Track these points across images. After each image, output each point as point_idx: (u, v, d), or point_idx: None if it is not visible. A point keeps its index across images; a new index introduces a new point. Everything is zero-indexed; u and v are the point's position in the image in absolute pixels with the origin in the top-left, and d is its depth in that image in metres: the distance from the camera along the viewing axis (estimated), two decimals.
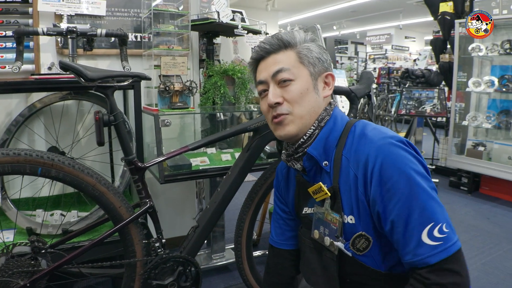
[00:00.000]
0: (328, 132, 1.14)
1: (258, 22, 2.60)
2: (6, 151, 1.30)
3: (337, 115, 1.18)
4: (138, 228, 1.53)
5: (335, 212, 1.11)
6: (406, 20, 12.54)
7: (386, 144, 1.00)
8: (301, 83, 1.12)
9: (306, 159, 1.16)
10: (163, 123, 1.98)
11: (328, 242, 1.13)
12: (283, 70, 1.12)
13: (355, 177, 1.05)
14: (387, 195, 0.99)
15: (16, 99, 2.27)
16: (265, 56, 1.17)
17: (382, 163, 0.99)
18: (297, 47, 1.15)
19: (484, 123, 4.28)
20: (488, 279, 2.59)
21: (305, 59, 1.14)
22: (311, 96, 1.13)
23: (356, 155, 1.06)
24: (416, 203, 0.95)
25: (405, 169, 0.97)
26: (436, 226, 0.94)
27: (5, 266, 1.34)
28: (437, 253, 0.93)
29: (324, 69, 1.17)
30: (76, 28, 1.93)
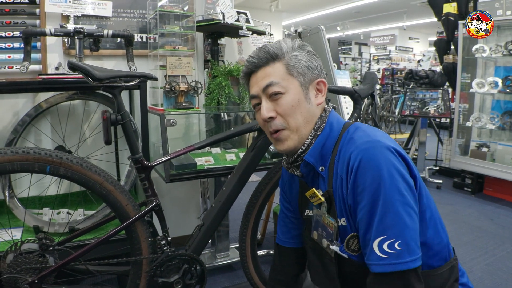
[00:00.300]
0: (325, 139, 1.15)
1: (262, 23, 2.61)
2: (15, 149, 1.32)
3: (332, 121, 1.18)
4: (144, 226, 1.55)
5: (331, 216, 1.13)
6: (410, 21, 12.52)
7: (369, 148, 1.00)
8: (292, 95, 1.13)
9: (303, 166, 1.18)
10: (169, 123, 2.00)
11: (325, 244, 1.16)
12: (273, 84, 1.13)
13: (341, 179, 1.07)
14: (358, 197, 1.01)
15: (23, 99, 2.29)
16: (255, 70, 1.18)
17: (360, 164, 1.00)
18: (285, 58, 1.15)
19: (488, 124, 4.28)
20: (491, 280, 2.60)
21: (294, 70, 1.14)
22: (304, 107, 1.14)
23: (343, 158, 1.07)
24: (378, 212, 0.97)
25: (380, 176, 0.97)
26: (387, 240, 0.96)
27: (13, 263, 1.37)
28: (381, 265, 0.97)
29: (315, 76, 1.17)
30: (83, 29, 1.95)
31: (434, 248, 1.10)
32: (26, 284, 1.35)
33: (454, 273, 1.16)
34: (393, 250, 0.95)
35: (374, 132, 1.07)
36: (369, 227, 0.99)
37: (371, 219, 0.98)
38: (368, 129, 1.10)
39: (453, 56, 4.87)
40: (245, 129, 1.71)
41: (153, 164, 1.56)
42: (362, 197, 0.99)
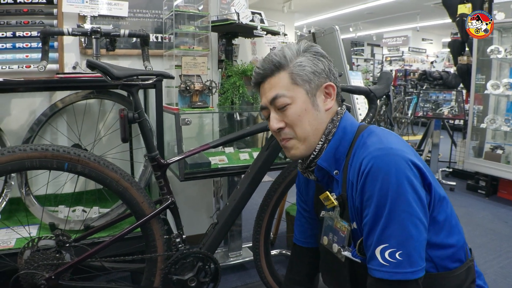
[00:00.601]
0: (338, 143, 1.14)
1: (276, 23, 2.62)
2: (35, 146, 1.34)
3: (345, 124, 1.16)
4: (159, 223, 1.56)
5: (344, 220, 1.13)
6: (423, 22, 12.43)
7: (381, 155, 0.99)
8: (298, 105, 1.12)
9: (317, 170, 1.18)
10: (184, 122, 2.02)
11: (336, 249, 1.15)
12: (278, 96, 1.12)
13: (352, 184, 1.07)
14: (366, 202, 1.01)
15: (39, 98, 2.33)
16: (262, 81, 1.18)
17: (370, 171, 0.99)
18: (289, 66, 1.13)
19: (503, 126, 4.22)
20: (506, 282, 2.57)
21: (298, 79, 1.12)
22: (311, 115, 1.13)
23: (355, 163, 1.06)
24: (383, 220, 0.97)
25: (388, 184, 0.96)
26: (388, 249, 0.96)
27: (30, 259, 1.38)
28: (381, 271, 0.97)
29: (322, 80, 1.15)
30: (100, 29, 1.98)
31: (449, 250, 1.09)
32: (43, 280, 1.36)
33: (471, 275, 1.15)
34: (394, 259, 0.95)
35: (388, 138, 1.06)
36: (371, 233, 1.00)
37: (375, 226, 0.98)
38: (382, 134, 1.09)
39: (467, 57, 4.82)
40: (259, 128, 1.72)
41: (169, 162, 1.57)
42: (369, 203, 0.99)
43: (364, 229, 1.02)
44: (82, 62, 2.33)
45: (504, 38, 4.32)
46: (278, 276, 2.03)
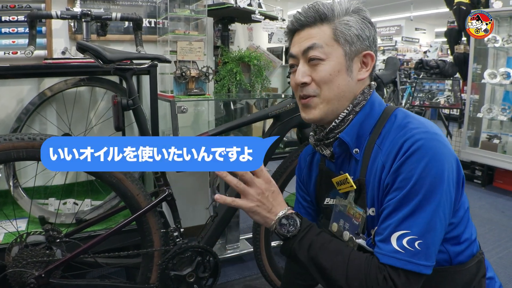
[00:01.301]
0: (363, 118, 1.05)
1: (275, 8, 2.53)
2: (21, 135, 1.25)
3: (374, 100, 1.08)
4: (156, 217, 1.49)
5: (359, 206, 1.04)
6: (417, 11, 12.37)
7: (431, 139, 0.92)
8: (332, 63, 1.02)
9: (337, 145, 1.08)
10: (180, 110, 1.93)
11: (347, 237, 1.05)
12: (314, 47, 1.02)
13: (383, 167, 0.98)
14: (400, 183, 0.92)
15: (27, 86, 2.23)
16: (300, 28, 1.08)
17: (418, 149, 0.91)
18: (335, 21, 1.04)
19: (499, 116, 4.20)
20: (506, 273, 2.55)
21: (341, 37, 1.03)
22: (343, 79, 1.03)
23: (391, 145, 0.97)
24: (413, 204, 0.90)
25: (429, 171, 0.89)
26: (408, 236, 0.89)
27: (19, 256, 1.30)
28: (392, 257, 0.90)
29: (364, 47, 1.05)
30: (91, 12, 1.88)
31: (464, 244, 1.04)
32: (32, 278, 1.28)
33: (482, 268, 1.10)
34: (412, 248, 0.88)
35: (429, 123, 0.99)
36: (392, 215, 0.92)
37: (400, 208, 0.91)
38: (420, 118, 1.01)
39: (464, 46, 4.78)
40: (261, 115, 1.64)
41: None
42: (404, 184, 0.91)
43: (385, 210, 0.94)
44: (71, 48, 2.22)
45: (501, 27, 4.27)
46: (278, 269, 1.97)
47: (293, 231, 1.02)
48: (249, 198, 1.02)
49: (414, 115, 1.04)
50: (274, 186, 1.05)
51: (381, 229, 0.94)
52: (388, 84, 1.59)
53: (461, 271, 1.04)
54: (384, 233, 0.93)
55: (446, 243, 1.00)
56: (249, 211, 1.03)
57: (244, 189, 1.02)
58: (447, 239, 1.00)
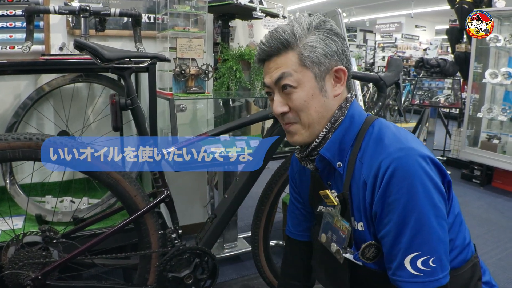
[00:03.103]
0: (343, 133, 1.05)
1: (276, 5, 2.50)
2: (17, 135, 1.23)
3: (354, 113, 1.06)
4: (154, 218, 1.47)
5: (345, 220, 1.04)
6: (418, 8, 12.33)
7: (404, 157, 0.91)
8: (305, 89, 1.02)
9: (319, 160, 1.08)
10: (179, 108, 1.90)
11: (335, 249, 1.07)
12: (284, 76, 1.02)
13: (365, 184, 0.98)
14: (388, 207, 0.92)
15: (24, 81, 2.20)
16: (267, 59, 1.06)
17: (393, 174, 0.91)
18: (298, 46, 1.01)
19: (500, 116, 4.19)
20: (505, 275, 2.54)
21: (308, 61, 1.01)
22: (318, 101, 1.03)
23: (370, 161, 0.97)
24: (411, 227, 0.90)
25: (414, 188, 0.89)
26: (421, 257, 0.90)
27: (15, 257, 1.28)
28: (413, 282, 0.91)
29: (333, 63, 1.03)
30: (89, 7, 1.84)
31: (457, 249, 1.05)
32: (29, 280, 1.26)
33: (477, 272, 1.10)
34: (428, 268, 0.89)
35: (405, 135, 0.98)
36: (397, 241, 0.92)
37: (402, 233, 0.91)
38: (397, 131, 1.00)
39: (465, 45, 4.76)
40: (260, 116, 1.62)
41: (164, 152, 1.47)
42: (393, 209, 0.91)
43: (387, 239, 0.94)
44: (69, 43, 2.19)
45: (503, 26, 4.25)
46: (276, 269, 1.97)
47: None
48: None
49: (391, 126, 1.03)
50: None
51: (393, 256, 0.94)
52: (391, 86, 1.58)
53: (455, 277, 1.03)
54: (396, 260, 0.93)
55: None
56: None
57: None
58: None
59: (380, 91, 1.60)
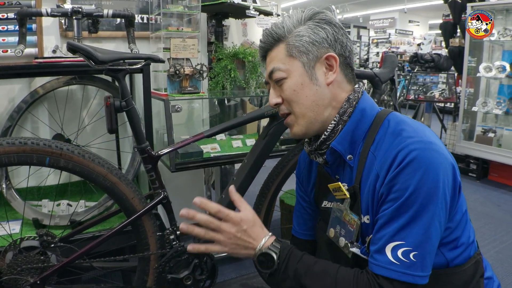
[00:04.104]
0: (355, 125, 1.04)
1: (269, 3, 2.49)
2: (12, 140, 1.22)
3: (365, 106, 1.06)
4: (151, 220, 1.46)
5: (354, 213, 1.04)
6: (411, 3, 12.35)
7: (425, 149, 0.90)
8: (294, 79, 1.03)
9: (330, 153, 1.08)
10: (174, 109, 1.89)
11: (343, 244, 1.06)
12: (274, 70, 1.05)
13: (377, 176, 0.97)
14: (395, 194, 0.91)
15: (18, 84, 2.18)
16: (265, 55, 1.11)
17: (409, 163, 0.89)
18: (287, 38, 1.04)
19: (495, 109, 4.20)
20: (503, 268, 2.55)
21: (294, 50, 1.02)
22: (309, 89, 1.03)
23: (385, 154, 0.96)
24: (407, 215, 0.89)
25: (424, 182, 0.88)
26: (403, 247, 0.89)
27: (13, 262, 1.27)
28: (387, 269, 0.90)
29: (323, 51, 1.03)
30: (82, 9, 1.83)
31: (462, 247, 1.04)
32: (27, 285, 1.25)
33: (479, 269, 1.09)
34: (407, 259, 0.89)
35: (423, 130, 0.97)
36: (387, 225, 0.92)
37: (395, 219, 0.90)
38: (415, 125, 0.98)
39: (459, 39, 4.77)
40: (257, 115, 1.61)
41: (160, 153, 1.46)
42: (399, 195, 0.90)
43: (380, 220, 0.94)
44: (62, 46, 2.18)
45: (497, 20, 4.26)
46: None
47: (273, 266, 1.02)
48: (222, 243, 1.04)
49: (408, 120, 1.02)
50: (247, 223, 1.05)
51: (376, 239, 0.94)
52: (386, 82, 1.57)
53: (458, 273, 1.03)
54: (378, 243, 0.93)
55: (443, 247, 1.00)
56: (228, 253, 1.05)
57: (214, 237, 1.04)
58: (444, 243, 0.99)
59: (375, 87, 1.60)
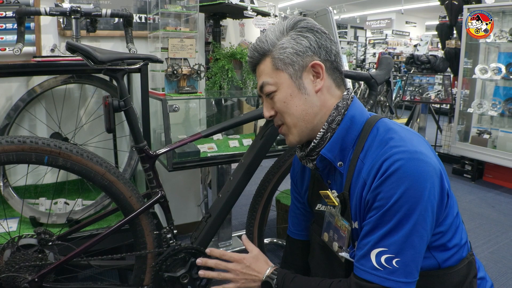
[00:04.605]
0: (344, 133, 1.05)
1: (267, 4, 2.50)
2: (11, 138, 1.22)
3: (354, 113, 1.06)
4: (149, 218, 1.47)
5: (345, 219, 1.06)
6: (408, 4, 12.38)
7: (407, 158, 0.91)
8: (283, 91, 1.06)
9: (319, 160, 1.09)
10: (172, 109, 1.91)
11: (336, 248, 1.09)
12: (264, 84, 1.08)
13: (364, 183, 0.98)
14: (379, 202, 0.93)
15: (15, 83, 2.19)
16: (254, 68, 1.13)
17: (396, 171, 0.90)
18: (272, 51, 1.05)
19: (490, 111, 4.23)
20: (497, 268, 2.57)
21: (280, 63, 1.04)
22: (298, 99, 1.05)
23: (372, 162, 0.97)
24: (391, 223, 0.91)
25: (409, 192, 0.89)
26: (386, 254, 0.91)
27: (11, 260, 1.28)
28: (371, 274, 0.93)
29: (308, 60, 1.04)
30: (80, 8, 1.84)
31: (454, 249, 1.05)
32: (25, 283, 1.26)
33: (472, 269, 1.11)
34: (389, 266, 0.91)
35: (410, 138, 0.98)
36: (372, 232, 0.94)
37: (379, 226, 0.92)
38: (403, 133, 0.99)
39: (455, 41, 4.79)
40: (254, 115, 1.62)
41: (158, 153, 1.47)
42: (383, 203, 0.92)
43: (365, 227, 0.96)
44: (60, 44, 2.19)
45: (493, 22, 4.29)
46: None
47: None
48: (234, 281, 1.17)
49: (397, 127, 1.02)
50: (249, 260, 1.18)
51: (362, 244, 0.96)
52: (382, 84, 1.59)
53: (451, 274, 1.05)
54: (364, 249, 0.95)
55: (434, 250, 1.01)
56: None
57: (225, 276, 1.18)
58: (435, 246, 1.01)
59: (371, 89, 1.61)
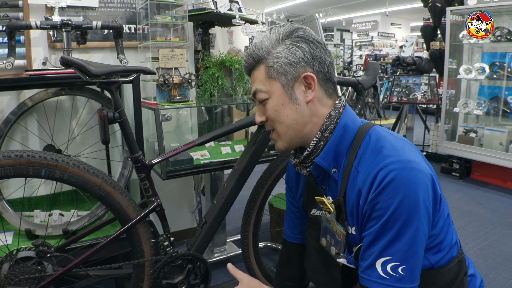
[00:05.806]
0: (338, 141, 1.08)
1: (254, 11, 2.54)
2: (8, 153, 1.24)
3: (347, 121, 1.09)
4: (145, 227, 1.49)
5: (340, 224, 1.09)
6: (393, 6, 12.53)
7: (404, 169, 0.94)
8: (275, 99, 1.08)
9: (314, 168, 1.12)
10: (164, 118, 1.93)
11: (334, 252, 1.12)
12: (257, 91, 1.10)
13: (360, 192, 1.01)
14: (378, 212, 0.96)
15: (6, 96, 2.18)
16: (249, 73, 1.16)
17: (391, 182, 0.93)
18: (267, 59, 1.08)
19: (475, 110, 4.30)
20: (486, 264, 2.62)
21: (273, 72, 1.06)
22: (289, 109, 1.07)
23: (366, 170, 1.00)
24: (392, 233, 0.94)
25: (405, 201, 0.92)
26: (391, 262, 0.94)
27: (10, 273, 1.29)
28: (378, 283, 0.95)
29: (301, 70, 1.06)
30: (71, 21, 1.86)
31: (445, 249, 1.09)
32: None
33: (463, 267, 1.15)
34: (396, 273, 0.94)
35: (402, 146, 1.01)
36: (375, 243, 0.97)
37: (381, 236, 0.95)
38: (394, 141, 1.02)
39: (439, 42, 4.87)
40: (246, 123, 1.65)
41: (153, 162, 1.50)
42: (381, 213, 0.95)
43: (367, 238, 0.99)
44: (51, 57, 2.19)
45: None
46: (266, 270, 2.00)
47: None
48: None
49: (388, 135, 1.05)
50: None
51: (366, 255, 0.99)
52: (369, 88, 1.63)
53: (442, 273, 1.08)
54: (369, 259, 0.97)
55: (427, 252, 1.04)
56: None
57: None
58: (428, 249, 1.04)
59: (359, 94, 1.65)
